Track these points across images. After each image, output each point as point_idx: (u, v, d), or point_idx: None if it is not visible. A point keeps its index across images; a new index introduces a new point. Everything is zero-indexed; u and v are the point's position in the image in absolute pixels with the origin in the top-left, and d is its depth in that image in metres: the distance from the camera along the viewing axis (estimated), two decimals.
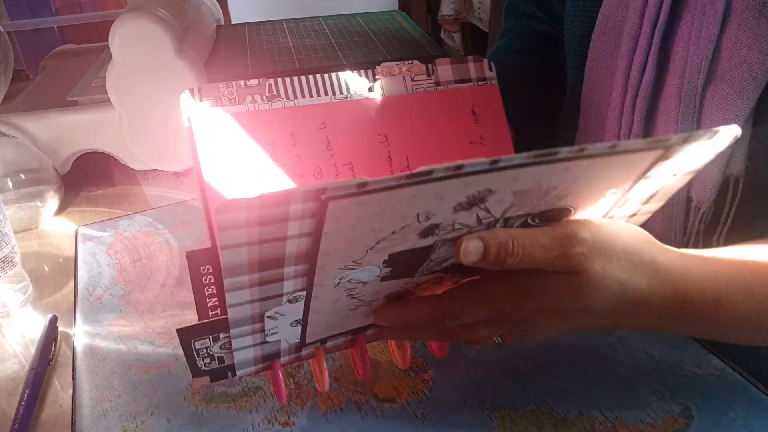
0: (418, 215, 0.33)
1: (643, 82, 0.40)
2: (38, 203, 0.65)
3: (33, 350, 0.47)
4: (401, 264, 0.36)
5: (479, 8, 2.00)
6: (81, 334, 0.49)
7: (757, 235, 0.43)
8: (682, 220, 0.41)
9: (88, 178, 0.74)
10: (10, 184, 0.64)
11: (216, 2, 0.95)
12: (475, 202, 0.33)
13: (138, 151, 0.69)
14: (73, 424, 0.41)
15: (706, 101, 0.38)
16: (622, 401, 0.40)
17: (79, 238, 0.61)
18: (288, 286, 0.34)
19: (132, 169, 0.74)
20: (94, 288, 0.54)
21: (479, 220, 0.34)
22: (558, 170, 0.31)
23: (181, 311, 0.50)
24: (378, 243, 0.34)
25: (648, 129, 0.41)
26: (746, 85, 0.36)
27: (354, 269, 0.34)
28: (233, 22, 1.33)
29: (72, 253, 0.60)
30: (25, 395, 0.43)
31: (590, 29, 0.46)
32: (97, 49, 0.90)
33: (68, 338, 0.49)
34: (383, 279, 0.36)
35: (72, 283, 0.55)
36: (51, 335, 0.48)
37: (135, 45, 0.63)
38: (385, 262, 0.35)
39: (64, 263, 0.59)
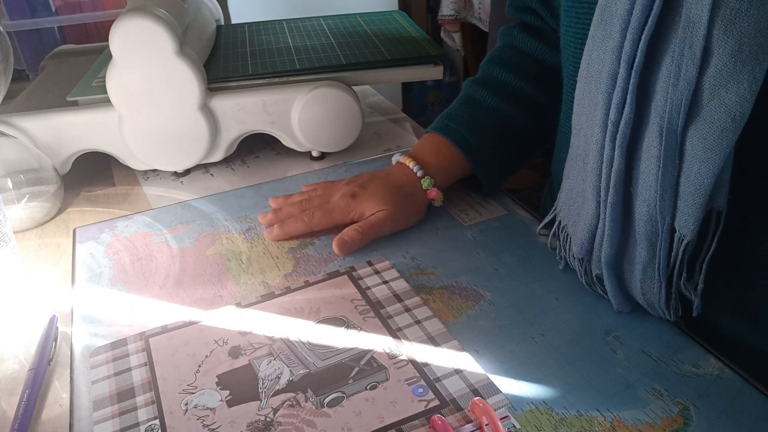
0: (215, 341, 0.46)
1: (622, 120, 0.41)
2: (38, 203, 0.65)
3: (33, 350, 0.47)
4: (236, 385, 0.43)
5: (479, 8, 2.00)
6: (79, 335, 0.49)
7: (740, 263, 0.44)
8: (667, 249, 0.42)
9: (88, 178, 0.74)
10: (10, 184, 0.64)
11: (216, 2, 0.95)
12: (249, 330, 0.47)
13: (138, 151, 0.69)
14: (71, 426, 0.41)
15: (688, 139, 0.38)
16: (620, 401, 0.40)
17: (77, 239, 0.61)
18: (141, 414, 0.41)
19: (132, 169, 0.74)
20: (93, 288, 0.54)
21: (271, 340, 0.46)
22: None
23: (180, 312, 0.50)
24: (200, 366, 0.44)
25: (630, 164, 0.42)
26: (726, 127, 0.36)
27: (193, 393, 0.42)
28: (233, 22, 1.33)
29: (71, 253, 0.60)
30: (25, 395, 0.43)
31: (582, 43, 0.46)
32: (97, 49, 0.90)
33: (68, 338, 0.49)
34: (230, 404, 0.41)
35: (71, 283, 0.55)
36: (51, 335, 0.48)
37: (135, 45, 0.64)
38: (218, 384, 0.43)
39: (64, 263, 0.59)
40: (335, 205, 0.59)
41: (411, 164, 0.61)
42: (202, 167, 0.75)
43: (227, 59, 0.77)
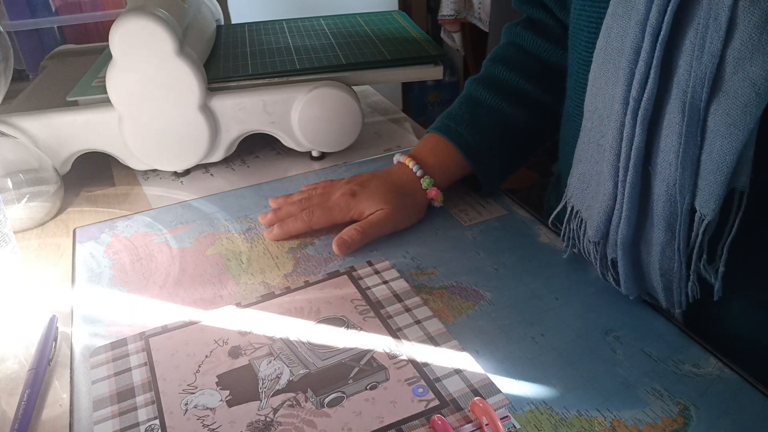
0: (215, 341, 0.46)
1: (645, 95, 0.40)
2: (38, 203, 0.65)
3: (33, 350, 0.47)
4: (236, 385, 0.43)
5: (479, 8, 2.00)
6: (79, 335, 0.49)
7: (761, 246, 0.43)
8: (686, 229, 0.41)
9: (88, 178, 0.74)
10: (10, 184, 0.64)
11: (216, 2, 0.95)
12: (250, 330, 0.47)
13: (138, 151, 0.70)
14: (71, 426, 0.41)
15: (710, 115, 0.38)
16: (620, 401, 0.40)
17: (77, 239, 0.61)
18: (141, 414, 0.41)
19: (132, 169, 0.74)
20: (93, 288, 0.54)
21: (271, 340, 0.46)
22: None
23: (180, 312, 0.51)
24: (200, 366, 0.44)
25: (651, 140, 0.41)
26: (749, 101, 0.36)
27: (193, 393, 0.42)
28: (233, 22, 1.33)
29: (71, 253, 0.60)
30: (25, 395, 0.43)
31: (596, 27, 0.45)
32: (97, 49, 0.90)
33: (68, 338, 0.49)
34: (230, 404, 0.41)
35: (71, 283, 0.55)
36: (51, 335, 0.48)
37: (135, 45, 0.64)
38: (218, 384, 0.43)
39: (64, 263, 0.59)
40: (335, 204, 0.59)
41: (411, 164, 0.61)
42: (202, 167, 0.75)
43: (227, 59, 0.77)
